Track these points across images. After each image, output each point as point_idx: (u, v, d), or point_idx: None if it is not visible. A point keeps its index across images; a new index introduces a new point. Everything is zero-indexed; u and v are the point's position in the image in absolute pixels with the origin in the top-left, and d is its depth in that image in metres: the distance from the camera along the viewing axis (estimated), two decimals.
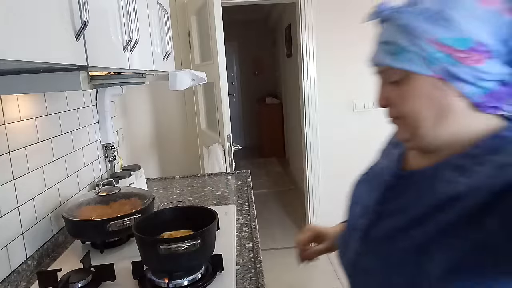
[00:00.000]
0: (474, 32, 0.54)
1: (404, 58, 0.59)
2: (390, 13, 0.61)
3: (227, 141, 2.33)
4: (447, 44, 0.56)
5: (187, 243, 0.95)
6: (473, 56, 0.55)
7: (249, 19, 6.18)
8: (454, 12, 0.55)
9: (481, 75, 0.55)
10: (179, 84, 1.24)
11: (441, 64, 0.56)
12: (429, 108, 0.59)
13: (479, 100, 0.57)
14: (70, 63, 0.75)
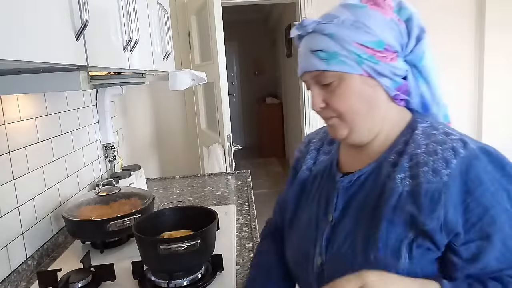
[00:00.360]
0: (384, 36, 0.67)
1: (336, 62, 0.68)
2: (315, 26, 0.70)
3: (227, 141, 2.33)
4: (369, 46, 0.67)
5: (187, 243, 0.95)
6: (388, 55, 0.68)
7: (249, 19, 6.18)
8: (367, 21, 0.68)
9: (395, 70, 0.69)
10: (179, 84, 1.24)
11: (368, 63, 0.67)
12: (362, 102, 0.70)
13: (394, 93, 0.70)
14: (70, 63, 0.75)
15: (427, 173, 0.63)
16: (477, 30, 3.04)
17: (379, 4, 0.69)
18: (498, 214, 0.60)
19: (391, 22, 0.68)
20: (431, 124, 0.71)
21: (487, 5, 2.94)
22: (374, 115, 0.71)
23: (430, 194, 0.62)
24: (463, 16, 3.03)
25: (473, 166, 0.61)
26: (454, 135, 0.66)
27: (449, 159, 0.62)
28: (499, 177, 0.62)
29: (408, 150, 0.68)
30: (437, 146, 0.65)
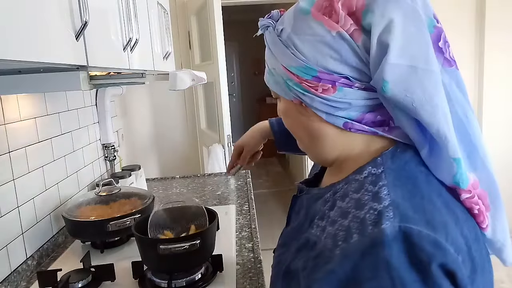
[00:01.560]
0: (319, 60, 0.51)
1: (273, 80, 0.57)
2: (263, 29, 0.58)
3: (227, 141, 2.33)
4: (294, 73, 0.52)
5: (187, 243, 0.95)
6: (319, 85, 0.51)
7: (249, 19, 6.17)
8: (299, 38, 0.52)
9: (333, 104, 0.51)
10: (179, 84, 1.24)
11: (295, 92, 0.53)
12: (301, 130, 0.58)
13: (342, 125, 0.53)
14: (70, 63, 0.75)
15: (328, 236, 0.48)
16: (477, 30, 3.05)
17: (331, 9, 0.50)
18: None
19: (336, 38, 0.49)
20: (380, 173, 0.50)
21: (487, 4, 2.94)
22: (321, 145, 0.57)
23: (317, 261, 0.48)
24: (463, 16, 3.03)
25: (372, 254, 0.42)
26: (382, 202, 0.45)
27: (351, 233, 0.45)
28: (411, 279, 0.41)
29: (337, 195, 0.53)
30: (352, 209, 0.48)
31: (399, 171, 0.50)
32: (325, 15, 0.50)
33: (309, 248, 0.51)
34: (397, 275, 0.41)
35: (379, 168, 0.51)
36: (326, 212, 0.53)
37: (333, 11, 0.50)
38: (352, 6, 0.49)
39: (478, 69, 3.10)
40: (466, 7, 3.02)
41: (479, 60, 3.08)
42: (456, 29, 3.04)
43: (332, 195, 0.54)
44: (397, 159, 0.51)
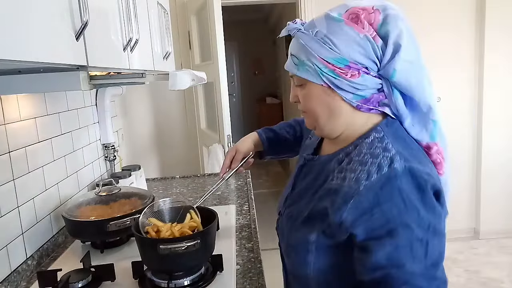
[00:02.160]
0: (350, 54, 0.72)
1: (303, 69, 0.77)
2: (296, 32, 0.77)
3: (227, 141, 2.33)
4: (331, 62, 0.73)
5: (187, 243, 0.95)
6: (348, 72, 0.73)
7: (249, 19, 6.18)
8: (335, 37, 0.73)
9: (356, 86, 0.73)
10: (179, 84, 1.24)
11: (327, 77, 0.74)
12: (322, 107, 0.78)
13: (356, 104, 0.76)
14: (70, 63, 0.75)
15: (351, 180, 0.71)
16: (477, 29, 3.05)
17: (358, 19, 0.72)
18: (398, 227, 0.66)
19: (364, 39, 0.72)
20: (382, 136, 0.75)
21: (487, 4, 2.94)
22: (336, 120, 0.79)
23: (345, 197, 0.70)
24: (463, 15, 3.03)
25: (388, 184, 0.67)
26: (390, 151, 0.71)
27: (371, 173, 0.69)
28: (414, 197, 0.67)
29: (351, 154, 0.76)
30: (369, 159, 0.72)
31: (394, 134, 0.75)
32: (354, 22, 0.72)
33: (332, 193, 0.73)
34: (406, 196, 0.67)
35: (380, 133, 0.75)
36: (344, 166, 0.75)
37: (359, 21, 0.72)
38: (371, 19, 0.72)
39: (478, 69, 3.10)
40: (466, 7, 3.02)
41: (479, 60, 3.08)
42: (456, 29, 3.04)
43: (345, 155, 0.77)
44: (390, 127, 0.77)
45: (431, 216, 0.68)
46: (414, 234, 0.66)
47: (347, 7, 0.75)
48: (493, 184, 3.18)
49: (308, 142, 1.01)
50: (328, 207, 0.73)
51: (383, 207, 0.67)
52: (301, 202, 0.83)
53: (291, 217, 0.83)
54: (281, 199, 0.94)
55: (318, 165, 0.84)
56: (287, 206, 0.88)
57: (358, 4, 0.75)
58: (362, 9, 0.73)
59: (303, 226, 0.78)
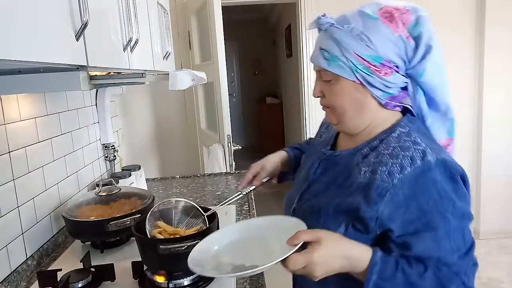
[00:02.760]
0: (386, 52, 0.74)
1: (335, 65, 0.76)
2: (328, 26, 0.77)
3: (227, 141, 2.33)
4: (366, 59, 0.74)
5: (187, 243, 0.95)
6: (383, 70, 0.74)
7: (249, 19, 6.18)
8: (372, 35, 0.73)
9: (387, 83, 0.75)
10: (179, 84, 1.24)
11: (361, 74, 0.75)
12: (351, 103, 0.79)
13: (385, 101, 0.78)
14: (70, 63, 0.75)
15: (384, 173, 0.72)
16: (477, 29, 3.04)
17: (393, 18, 0.73)
18: (435, 219, 0.69)
19: (398, 38, 0.73)
20: (408, 131, 0.77)
21: (487, 4, 2.94)
22: (362, 116, 0.80)
23: (379, 190, 0.71)
24: (463, 15, 3.03)
25: (423, 176, 0.69)
26: (420, 145, 0.73)
27: (405, 166, 0.71)
28: (448, 188, 0.69)
29: (379, 148, 0.77)
30: (400, 152, 0.73)
31: (417, 129, 0.78)
32: (388, 21, 0.73)
33: (364, 188, 0.74)
34: (441, 187, 0.69)
35: (405, 128, 0.78)
36: (371, 160, 0.77)
37: (394, 20, 0.73)
38: (404, 19, 0.74)
39: (478, 68, 3.10)
40: (466, 7, 3.02)
41: (479, 59, 3.08)
42: (456, 28, 3.04)
43: (370, 149, 0.79)
44: (413, 123, 0.79)
45: (464, 204, 0.70)
46: (451, 224, 0.69)
47: (379, 5, 0.75)
48: (493, 184, 3.18)
49: (317, 141, 1.01)
50: (361, 202, 0.73)
51: (419, 199, 0.69)
52: (323, 197, 0.83)
53: (311, 211, 0.83)
54: (291, 196, 0.94)
55: (339, 160, 0.85)
56: (305, 201, 0.87)
57: (390, 3, 0.76)
58: (395, 9, 0.74)
59: (328, 221, 0.78)
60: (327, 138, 0.96)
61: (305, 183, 0.90)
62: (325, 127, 1.03)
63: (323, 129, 1.04)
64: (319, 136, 1.03)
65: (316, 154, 0.94)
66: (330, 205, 0.79)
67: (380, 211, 0.71)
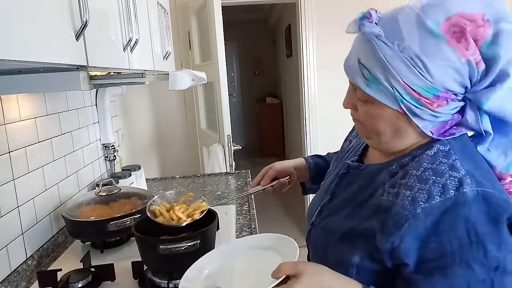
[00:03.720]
0: (444, 82, 0.58)
1: (376, 88, 0.62)
2: (374, 38, 0.61)
3: (227, 141, 2.33)
4: (417, 90, 0.59)
5: (187, 243, 0.95)
6: (436, 102, 0.60)
7: (249, 19, 6.17)
8: (430, 60, 0.57)
9: (438, 115, 0.61)
10: (179, 84, 1.24)
11: (408, 105, 0.61)
12: (389, 129, 0.66)
13: (428, 132, 0.64)
14: (70, 63, 0.75)
15: (406, 198, 0.61)
16: None
17: (463, 36, 0.56)
18: (454, 265, 0.56)
19: (464, 64, 0.57)
20: (449, 149, 0.63)
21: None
22: (398, 140, 0.68)
23: (397, 219, 0.60)
24: None
25: (453, 211, 0.56)
26: (459, 171, 0.59)
27: (433, 195, 0.58)
28: (484, 231, 0.55)
29: (408, 167, 0.65)
30: (432, 176, 0.60)
31: (461, 149, 0.63)
32: (457, 41, 0.56)
33: (382, 212, 0.63)
34: (472, 228, 0.55)
35: (445, 146, 0.64)
36: (397, 180, 0.65)
37: (464, 39, 0.56)
38: (477, 35, 0.56)
39: None
40: None
41: None
42: None
43: (399, 167, 0.67)
44: (459, 141, 0.65)
45: (502, 254, 0.55)
46: (475, 275, 0.55)
47: (448, 13, 0.57)
48: None
49: (346, 146, 0.90)
50: (376, 230, 0.63)
51: (442, 237, 0.56)
52: (340, 214, 0.73)
53: (327, 230, 0.75)
54: (312, 207, 0.85)
55: (364, 175, 0.74)
56: (323, 218, 0.78)
57: (464, 9, 0.56)
58: (470, 21, 0.56)
59: (342, 243, 0.69)
60: (356, 147, 0.85)
61: (326, 196, 0.81)
62: (356, 131, 0.91)
63: (354, 133, 0.92)
64: (348, 142, 0.92)
65: (341, 165, 0.84)
66: (345, 227, 0.69)
67: (396, 244, 0.59)
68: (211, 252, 0.87)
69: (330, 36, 2.98)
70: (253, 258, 0.82)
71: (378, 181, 0.69)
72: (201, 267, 0.82)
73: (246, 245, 0.86)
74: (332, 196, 0.79)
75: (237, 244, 0.88)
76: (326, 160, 1.08)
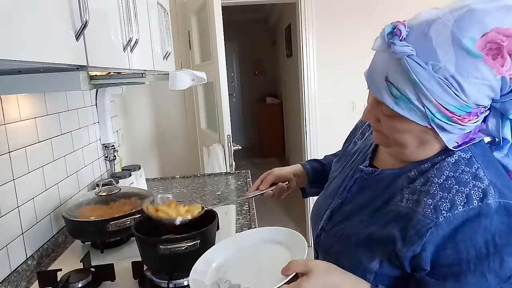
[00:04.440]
0: (478, 98, 0.57)
1: (406, 107, 0.60)
2: (404, 56, 0.57)
3: (227, 141, 2.33)
4: (449, 109, 0.58)
5: (187, 243, 0.95)
6: (468, 118, 0.59)
7: (249, 19, 6.18)
8: (465, 80, 0.56)
9: (466, 129, 0.61)
10: (179, 84, 1.24)
11: (439, 122, 0.60)
12: (414, 142, 0.65)
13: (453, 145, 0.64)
14: (70, 63, 0.75)
15: (428, 206, 0.60)
16: None
17: (500, 53, 0.54)
18: (468, 273, 0.57)
19: (498, 81, 0.56)
20: (470, 157, 0.63)
21: None
22: (422, 151, 0.67)
23: (419, 227, 0.60)
24: None
25: (475, 222, 0.57)
26: (483, 181, 0.59)
27: (456, 204, 0.58)
28: (503, 243, 0.56)
29: (428, 174, 0.65)
30: (455, 185, 0.60)
31: (482, 156, 0.64)
32: (493, 59, 0.54)
33: (402, 219, 0.63)
34: (491, 238, 0.56)
35: (467, 153, 0.64)
36: (418, 187, 0.64)
37: (501, 56, 0.54)
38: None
39: None
40: None
41: None
42: None
43: (419, 173, 0.66)
44: (478, 147, 0.65)
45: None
46: (487, 284, 0.57)
47: (485, 29, 0.54)
48: None
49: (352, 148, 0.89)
50: (397, 237, 0.63)
51: (459, 245, 0.57)
52: (355, 220, 0.72)
53: (341, 236, 0.73)
54: (318, 210, 0.84)
55: (380, 180, 0.73)
56: (336, 223, 0.77)
57: (501, 24, 0.53)
58: (507, 36, 0.53)
59: (359, 249, 0.68)
60: (364, 149, 0.83)
61: (336, 200, 0.79)
62: (361, 132, 0.90)
63: (358, 134, 0.91)
64: (353, 143, 0.90)
65: (351, 169, 0.82)
66: (363, 233, 0.69)
67: (418, 252, 0.60)
68: (220, 243, 0.88)
69: (330, 36, 2.98)
70: (262, 252, 0.83)
71: (395, 186, 0.69)
72: (210, 259, 0.83)
73: (256, 238, 0.87)
74: (344, 201, 0.78)
75: (247, 236, 0.89)
76: (323, 164, 1.09)
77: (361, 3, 2.90)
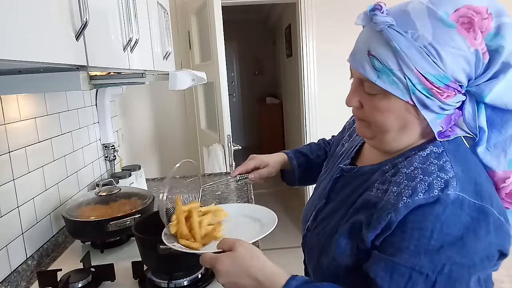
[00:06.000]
0: (454, 72, 0.60)
1: (388, 80, 0.62)
2: (385, 27, 0.61)
3: (227, 141, 2.33)
4: (429, 79, 0.60)
5: None
6: (446, 92, 0.61)
7: (249, 19, 6.17)
8: (442, 49, 0.59)
9: (446, 107, 0.62)
10: (179, 84, 1.24)
11: (419, 95, 0.61)
12: (396, 122, 0.66)
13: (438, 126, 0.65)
14: (70, 63, 0.75)
15: (392, 194, 0.62)
16: None
17: (472, 27, 0.58)
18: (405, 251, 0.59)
19: (472, 55, 0.59)
20: (442, 152, 0.64)
21: None
22: (403, 136, 0.68)
23: (380, 212, 0.62)
24: None
25: (429, 207, 0.58)
26: (447, 173, 0.60)
27: (417, 191, 0.59)
28: (449, 233, 0.57)
29: (399, 165, 0.67)
30: (419, 175, 0.61)
31: (455, 151, 0.64)
32: (466, 31, 0.58)
33: (370, 207, 0.65)
34: (440, 227, 0.57)
35: (439, 147, 0.65)
36: (388, 178, 0.67)
37: (472, 29, 0.58)
38: (482, 27, 0.58)
39: None
40: None
41: None
42: None
43: (392, 166, 0.68)
44: (453, 143, 0.66)
45: (456, 260, 0.57)
46: (420, 264, 0.57)
47: (456, 5, 0.59)
48: None
49: (339, 150, 0.91)
50: (363, 223, 0.65)
51: (407, 225, 0.59)
52: (336, 217, 0.74)
53: (323, 234, 0.75)
54: (306, 211, 0.86)
55: (358, 177, 0.75)
56: (319, 222, 0.78)
57: (470, 2, 0.59)
58: (476, 12, 0.58)
59: (343, 243, 0.68)
60: (349, 150, 0.85)
61: (321, 201, 0.81)
62: (348, 134, 0.93)
63: (346, 136, 0.93)
64: (340, 145, 0.92)
65: (334, 169, 0.84)
66: (345, 226, 0.69)
67: (377, 233, 0.62)
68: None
69: (330, 36, 2.98)
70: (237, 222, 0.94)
71: (371, 181, 0.70)
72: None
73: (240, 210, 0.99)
74: (327, 200, 0.80)
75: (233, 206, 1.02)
76: (308, 158, 1.15)
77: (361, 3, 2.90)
